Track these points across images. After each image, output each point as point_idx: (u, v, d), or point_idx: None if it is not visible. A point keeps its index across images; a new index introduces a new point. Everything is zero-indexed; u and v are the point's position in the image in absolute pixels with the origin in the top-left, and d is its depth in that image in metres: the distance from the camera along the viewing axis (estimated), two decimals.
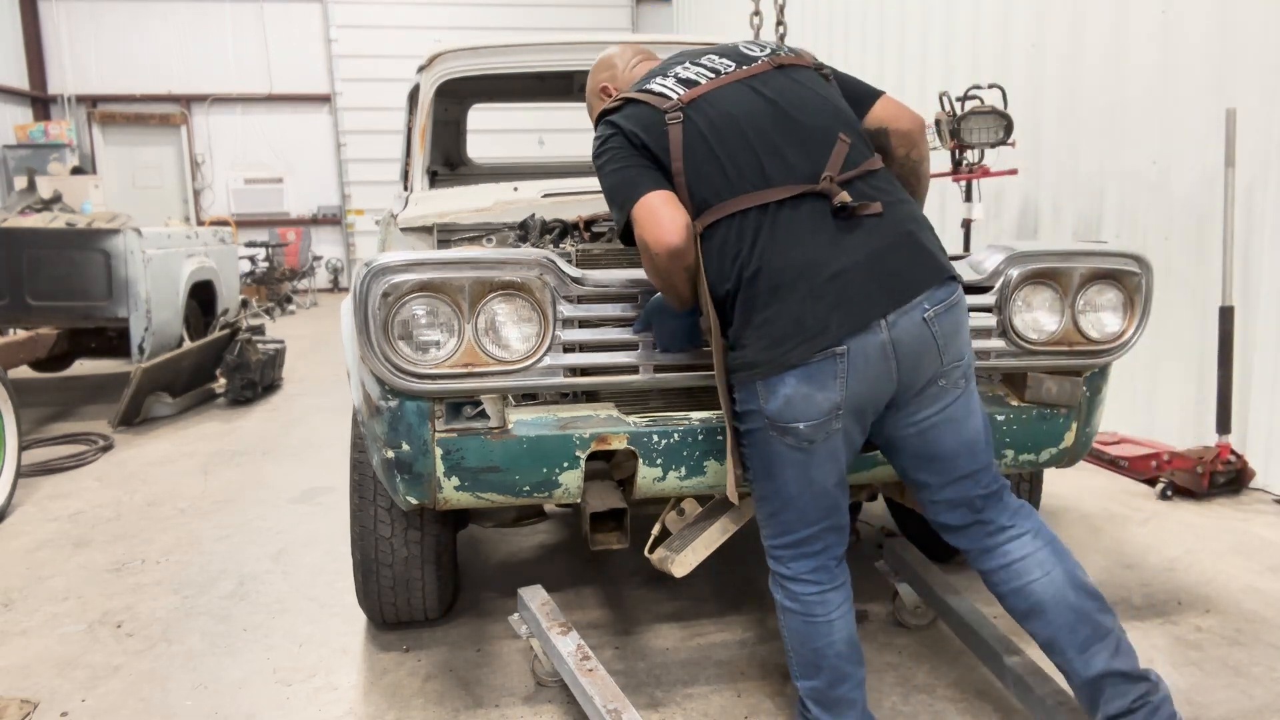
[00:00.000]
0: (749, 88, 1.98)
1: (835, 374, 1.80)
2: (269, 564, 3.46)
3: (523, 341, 2.08)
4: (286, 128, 14.97)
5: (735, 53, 2.07)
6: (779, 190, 1.86)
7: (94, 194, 11.24)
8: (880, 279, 1.82)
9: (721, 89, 1.98)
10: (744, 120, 1.93)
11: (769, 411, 1.86)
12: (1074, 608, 1.95)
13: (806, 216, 1.85)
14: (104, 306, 5.79)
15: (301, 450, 5.14)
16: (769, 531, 2.04)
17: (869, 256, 1.83)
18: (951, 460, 1.97)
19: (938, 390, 1.92)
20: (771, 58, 2.04)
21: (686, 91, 1.98)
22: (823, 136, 1.93)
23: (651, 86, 2.02)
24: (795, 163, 1.89)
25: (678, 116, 1.94)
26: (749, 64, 2.02)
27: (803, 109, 1.96)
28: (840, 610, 2.01)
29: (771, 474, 1.94)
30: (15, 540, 3.79)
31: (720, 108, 1.95)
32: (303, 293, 13.93)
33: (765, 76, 2.01)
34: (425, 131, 3.36)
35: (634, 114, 1.99)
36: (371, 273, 1.99)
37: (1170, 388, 4.43)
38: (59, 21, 14.10)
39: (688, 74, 2.02)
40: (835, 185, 1.85)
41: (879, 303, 1.81)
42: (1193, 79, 4.26)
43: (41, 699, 2.52)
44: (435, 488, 2.15)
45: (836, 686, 2.01)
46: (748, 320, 1.86)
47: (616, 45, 2.38)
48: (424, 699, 2.47)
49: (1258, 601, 2.96)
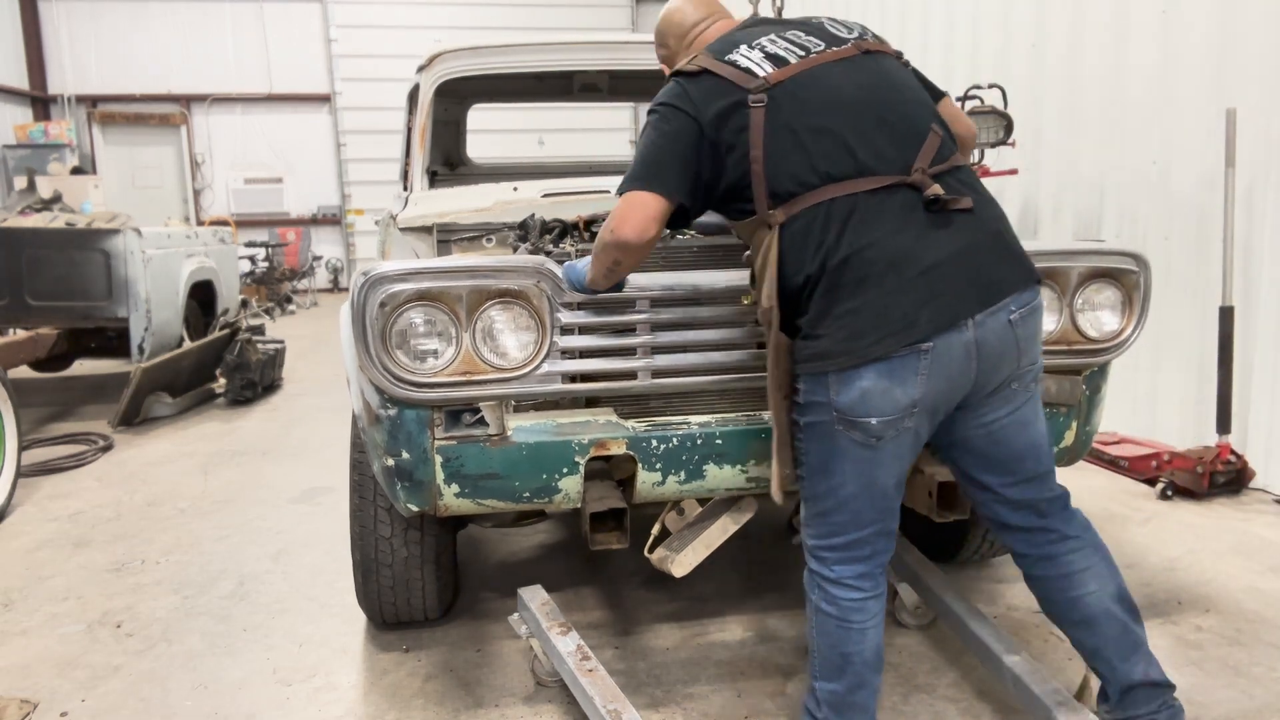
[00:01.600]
0: (840, 71, 1.90)
1: (917, 370, 1.75)
2: (269, 564, 3.46)
3: (520, 349, 2.08)
4: (286, 128, 14.96)
5: (823, 30, 1.97)
6: (871, 180, 1.80)
7: (94, 194, 11.23)
8: (972, 277, 1.78)
9: (812, 70, 1.88)
10: (835, 106, 1.85)
11: (840, 404, 1.79)
12: (1120, 621, 2.00)
13: (899, 208, 1.79)
14: (104, 306, 5.79)
15: (301, 450, 5.14)
16: (816, 531, 1.95)
17: (961, 253, 1.79)
18: (1018, 462, 1.95)
19: (1009, 392, 1.90)
20: (859, 41, 1.97)
21: (775, 70, 1.87)
22: (914, 127, 1.88)
23: (736, 59, 1.90)
24: (887, 153, 1.83)
25: (762, 99, 1.84)
26: (838, 45, 1.93)
27: (894, 98, 1.90)
28: (875, 619, 1.96)
29: (829, 471, 1.87)
30: (15, 540, 3.79)
31: (811, 91, 1.86)
32: (303, 293, 13.93)
33: (855, 61, 1.93)
34: (425, 131, 3.36)
35: (710, 90, 1.88)
36: (369, 282, 1.99)
37: (1170, 388, 4.43)
38: (59, 21, 14.10)
39: (775, 49, 1.91)
40: (928, 178, 1.80)
41: (969, 301, 1.77)
42: (1193, 79, 4.25)
43: (41, 699, 2.52)
44: (435, 495, 2.15)
45: (855, 692, 1.97)
46: (827, 310, 1.79)
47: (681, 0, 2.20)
48: (424, 699, 2.47)
49: (1258, 601, 2.96)
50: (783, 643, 2.73)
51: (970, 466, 1.99)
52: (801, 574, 2.03)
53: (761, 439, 2.24)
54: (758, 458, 2.25)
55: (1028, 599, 3.00)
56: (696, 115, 1.88)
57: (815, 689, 2.01)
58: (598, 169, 3.85)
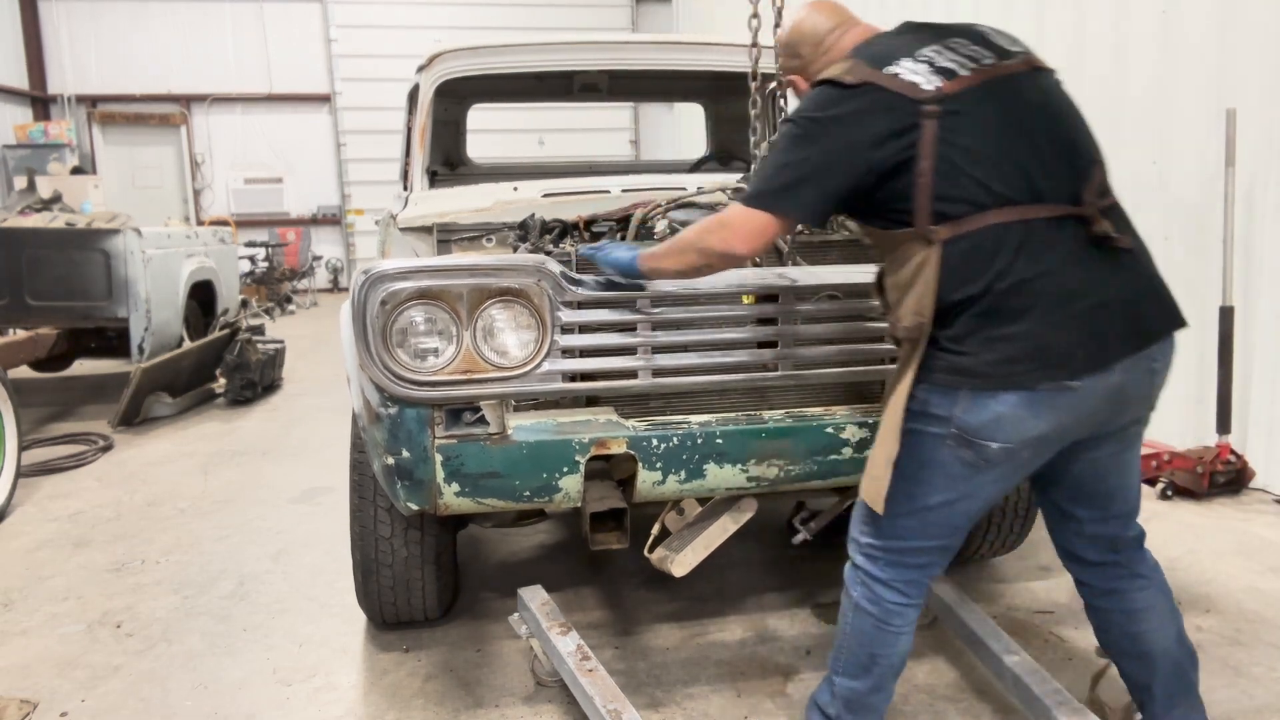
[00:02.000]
0: (1014, 87, 1.80)
1: (1056, 405, 1.71)
2: (269, 564, 3.46)
3: (521, 348, 2.08)
4: (286, 128, 14.96)
5: (989, 43, 1.85)
6: (1043, 208, 1.73)
7: (94, 194, 11.23)
8: (1130, 320, 1.75)
9: (986, 84, 1.77)
10: (1010, 125, 1.76)
11: (963, 422, 1.74)
12: (1176, 662, 2.00)
13: (1070, 239, 1.73)
14: (104, 306, 5.79)
15: (301, 450, 5.14)
16: (877, 530, 1.90)
17: (1125, 295, 1.75)
18: (1109, 498, 1.94)
19: (1123, 434, 1.88)
20: (1026, 57, 1.86)
21: (946, 83, 1.74)
22: (1084, 155, 1.82)
23: (899, 71, 1.76)
24: (1059, 180, 1.76)
25: (935, 112, 1.72)
26: (1008, 59, 1.83)
27: (1064, 122, 1.84)
28: (911, 626, 1.95)
29: (918, 480, 1.81)
30: (15, 540, 3.79)
31: (986, 107, 1.76)
32: (303, 293, 13.92)
33: (1026, 77, 1.83)
34: (425, 131, 3.36)
35: (873, 103, 1.74)
36: (369, 281, 1.99)
37: (1170, 388, 4.41)
38: (59, 21, 14.09)
39: (943, 61, 1.78)
40: (1097, 212, 1.75)
41: (1126, 345, 1.74)
42: (1193, 79, 4.25)
43: (41, 699, 2.52)
44: (436, 494, 2.15)
45: (874, 694, 1.96)
46: (978, 331, 1.72)
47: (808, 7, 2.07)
48: (424, 699, 2.47)
49: (1258, 601, 2.96)
50: (783, 643, 2.73)
51: (1062, 497, 1.97)
52: (801, 573, 2.03)
53: (762, 439, 2.24)
54: (758, 457, 2.25)
55: (1028, 599, 3.01)
56: (853, 129, 1.75)
57: (834, 683, 1.99)
58: (598, 169, 3.85)
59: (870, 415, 2.30)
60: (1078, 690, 2.42)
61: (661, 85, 4.68)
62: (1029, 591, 3.07)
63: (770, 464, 2.26)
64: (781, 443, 2.25)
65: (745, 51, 2.51)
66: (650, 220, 2.59)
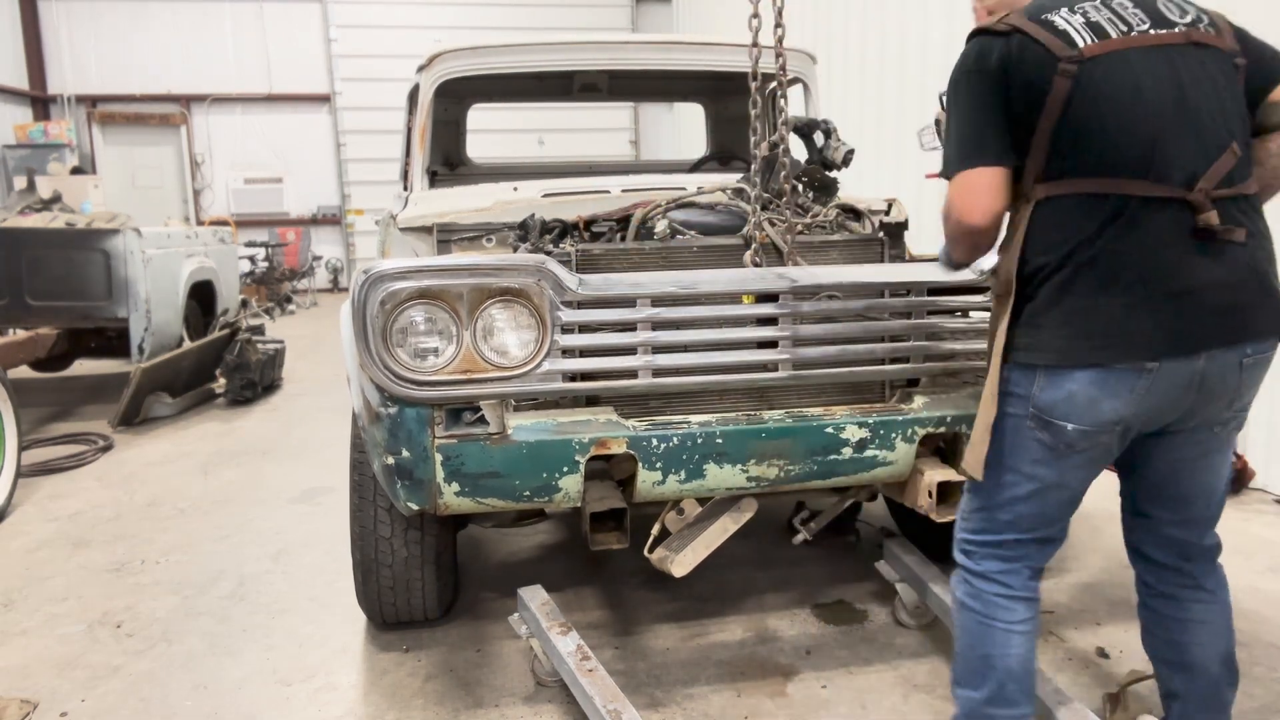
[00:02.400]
0: (1159, 59, 1.73)
1: (1133, 388, 1.69)
2: (269, 564, 3.46)
3: (521, 348, 2.08)
4: (286, 128, 14.95)
5: (1151, 6, 1.79)
6: (1150, 186, 1.68)
7: (94, 194, 11.23)
8: (1221, 311, 1.70)
9: (1130, 51, 1.72)
10: (1145, 98, 1.70)
11: (1039, 401, 1.73)
12: (1215, 680, 1.96)
13: (1169, 222, 1.68)
14: (104, 306, 5.79)
15: (301, 450, 5.14)
16: (973, 526, 1.90)
17: (1217, 284, 1.69)
18: (1188, 502, 1.90)
19: (1208, 434, 1.83)
20: (1189, 29, 1.78)
21: (1093, 42, 1.72)
22: (1215, 140, 1.72)
23: (1054, 20, 1.74)
24: (1177, 162, 1.69)
25: (1071, 70, 1.69)
26: (1165, 28, 1.76)
27: (1206, 104, 1.74)
28: (1023, 625, 1.86)
29: (1006, 467, 1.80)
30: (15, 540, 3.79)
31: (1123, 74, 1.71)
32: (302, 293, 13.92)
33: (1180, 51, 1.75)
34: (425, 131, 3.36)
35: (1018, 49, 1.73)
36: (369, 280, 1.99)
37: None
38: (59, 21, 14.08)
39: (1098, 16, 1.75)
40: (1207, 201, 1.68)
41: (1211, 334, 1.69)
42: None
43: (41, 699, 2.52)
44: (436, 493, 2.15)
45: (995, 705, 1.87)
46: (1057, 303, 1.71)
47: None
48: (424, 699, 2.47)
49: (1258, 601, 2.96)
50: (783, 643, 2.73)
51: (1140, 493, 1.95)
52: (801, 573, 2.03)
53: (762, 439, 2.24)
54: (758, 457, 2.25)
55: None
56: (1000, 76, 1.74)
57: (956, 697, 1.93)
58: (598, 169, 3.85)
59: (870, 415, 2.30)
60: (1077, 690, 2.42)
61: (661, 85, 4.68)
62: None
63: (770, 464, 2.26)
64: (781, 443, 2.25)
65: (745, 51, 2.51)
66: (650, 220, 2.59)
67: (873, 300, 2.26)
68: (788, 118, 2.50)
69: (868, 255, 2.58)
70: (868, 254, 2.58)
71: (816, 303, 2.23)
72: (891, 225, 2.67)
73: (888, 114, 7.12)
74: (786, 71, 2.48)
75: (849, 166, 2.86)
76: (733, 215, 2.60)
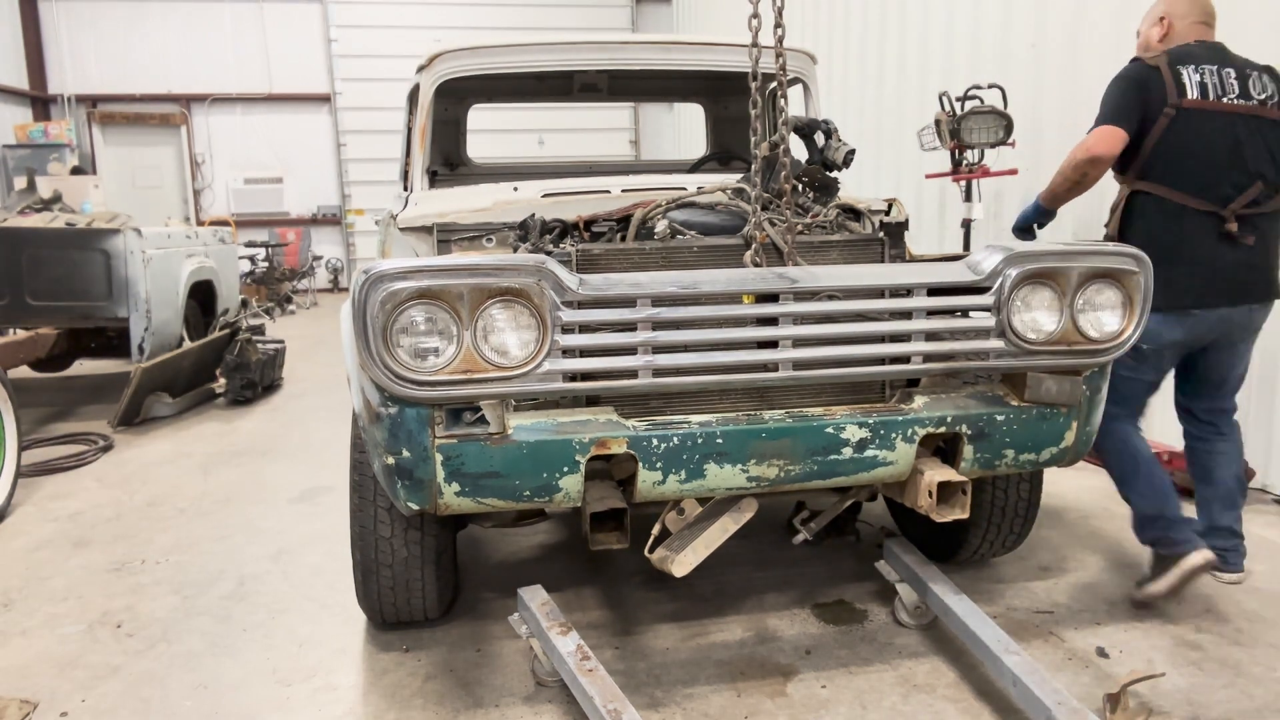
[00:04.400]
0: (1232, 123, 2.83)
1: (1184, 324, 2.87)
2: (269, 564, 3.46)
3: (521, 348, 2.08)
4: (286, 128, 14.95)
5: (1244, 83, 2.86)
6: (1199, 202, 2.83)
7: (94, 194, 11.24)
8: (1233, 284, 2.86)
9: (1214, 112, 2.83)
10: (1211, 147, 2.82)
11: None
12: (1230, 489, 3.09)
13: (1209, 226, 2.84)
14: (104, 306, 5.79)
15: (301, 450, 5.14)
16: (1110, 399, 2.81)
17: (1233, 269, 2.84)
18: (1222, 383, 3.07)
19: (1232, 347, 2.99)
20: (1260, 105, 2.86)
21: (1196, 98, 2.82)
22: (1249, 175, 2.83)
23: (1183, 73, 2.84)
24: (1220, 191, 2.83)
25: (1172, 113, 2.82)
26: (1245, 99, 2.85)
27: (1252, 155, 2.84)
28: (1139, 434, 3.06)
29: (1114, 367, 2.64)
30: (15, 540, 3.79)
31: (1204, 126, 2.82)
32: (303, 293, 13.92)
33: (1246, 119, 2.84)
34: (425, 131, 3.36)
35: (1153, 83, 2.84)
36: (369, 280, 1.99)
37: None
38: (59, 21, 14.09)
39: (1208, 80, 2.84)
40: (1232, 215, 2.81)
41: (1224, 300, 2.86)
42: None
43: (41, 699, 2.52)
44: (436, 493, 2.15)
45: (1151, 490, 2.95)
46: None
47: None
48: (424, 699, 2.47)
49: (1258, 601, 2.96)
50: (783, 643, 2.73)
51: (1193, 380, 3.09)
52: (801, 573, 2.03)
53: (762, 439, 2.24)
54: (758, 457, 2.25)
55: (1028, 599, 3.01)
56: (1138, 92, 2.85)
57: (1133, 510, 2.98)
58: (598, 169, 3.85)
59: (870, 415, 2.30)
60: (1077, 690, 2.42)
61: (661, 85, 4.68)
62: (1029, 591, 3.07)
63: (770, 464, 2.26)
64: (781, 443, 2.25)
65: (745, 51, 2.51)
66: (650, 220, 2.59)
67: (873, 300, 2.26)
68: (788, 118, 2.50)
69: (868, 255, 2.58)
70: (868, 254, 2.58)
71: (817, 303, 2.23)
72: (891, 225, 2.67)
73: (888, 114, 7.12)
74: (786, 71, 2.48)
75: (849, 167, 2.86)
76: (733, 215, 2.60)
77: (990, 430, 2.36)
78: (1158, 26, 3.10)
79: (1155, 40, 3.10)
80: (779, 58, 2.43)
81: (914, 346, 2.28)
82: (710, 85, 4.50)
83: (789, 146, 2.47)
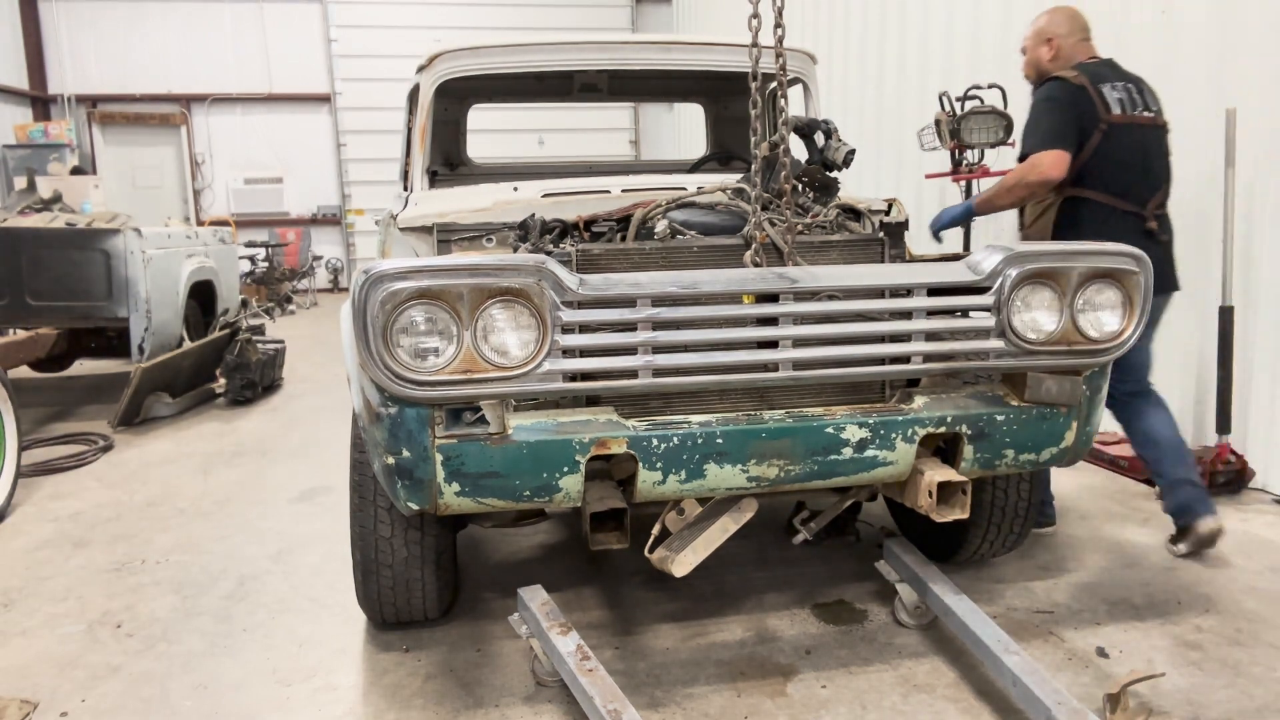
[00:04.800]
0: (1144, 133, 3.21)
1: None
2: (269, 564, 3.46)
3: (521, 348, 2.08)
4: (286, 128, 14.95)
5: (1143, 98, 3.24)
6: (1124, 203, 3.20)
7: (94, 194, 11.23)
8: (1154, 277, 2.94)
9: (1134, 125, 3.19)
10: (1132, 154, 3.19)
11: None
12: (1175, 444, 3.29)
13: (1131, 224, 3.18)
14: (104, 306, 5.79)
15: (301, 450, 5.14)
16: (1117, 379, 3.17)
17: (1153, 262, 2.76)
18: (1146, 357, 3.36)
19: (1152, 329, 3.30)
20: (1156, 116, 3.26)
21: (1119, 113, 3.17)
22: (1159, 180, 3.26)
23: (1104, 90, 3.18)
24: (1140, 194, 3.21)
25: (1104, 129, 3.15)
26: (1149, 112, 3.24)
27: (1156, 161, 3.26)
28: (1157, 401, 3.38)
29: None
30: (15, 540, 3.79)
31: (1127, 138, 3.17)
32: (303, 293, 13.92)
33: (1151, 129, 3.24)
34: (425, 131, 3.36)
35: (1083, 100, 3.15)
36: (369, 280, 1.99)
37: (1170, 388, 4.42)
38: (59, 21, 14.09)
39: (1120, 95, 3.19)
40: (1151, 215, 3.21)
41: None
42: (1192, 79, 4.25)
43: (41, 699, 2.52)
44: (436, 493, 2.15)
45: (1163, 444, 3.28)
46: None
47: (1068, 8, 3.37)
48: (424, 699, 2.47)
49: (1258, 601, 2.96)
50: (783, 643, 2.73)
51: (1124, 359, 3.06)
52: (801, 573, 2.03)
53: (762, 439, 2.24)
54: (758, 457, 2.25)
55: (1028, 599, 3.01)
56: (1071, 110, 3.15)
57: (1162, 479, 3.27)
58: (598, 169, 3.85)
59: (870, 415, 2.30)
60: (1077, 690, 2.42)
61: (661, 85, 4.68)
62: (1029, 591, 3.07)
63: (770, 464, 2.26)
64: (781, 443, 2.25)
65: (745, 51, 2.50)
66: (650, 220, 2.59)
67: (873, 300, 2.26)
68: (788, 118, 2.50)
69: (868, 255, 2.58)
70: (868, 254, 2.58)
71: (817, 303, 2.23)
72: (891, 225, 2.67)
73: (888, 114, 7.12)
74: (786, 71, 2.48)
75: (849, 167, 2.86)
76: (733, 215, 2.60)
77: (990, 430, 2.36)
78: (1045, 47, 3.34)
79: (1045, 59, 3.35)
80: (779, 58, 2.43)
81: (914, 346, 2.28)
82: (710, 85, 4.50)
83: (789, 146, 2.47)
